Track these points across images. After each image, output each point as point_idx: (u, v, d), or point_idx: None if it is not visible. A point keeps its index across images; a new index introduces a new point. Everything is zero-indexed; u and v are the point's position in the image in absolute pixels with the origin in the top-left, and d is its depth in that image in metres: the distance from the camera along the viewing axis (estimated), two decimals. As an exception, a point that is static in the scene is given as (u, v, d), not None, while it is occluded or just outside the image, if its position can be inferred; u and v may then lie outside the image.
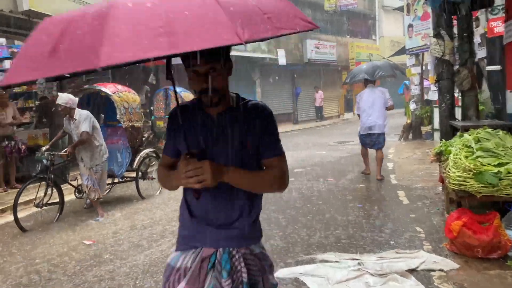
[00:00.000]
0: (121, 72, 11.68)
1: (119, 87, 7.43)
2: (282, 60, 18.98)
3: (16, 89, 11.57)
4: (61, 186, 6.31)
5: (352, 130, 13.52)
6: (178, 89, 10.92)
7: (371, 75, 7.72)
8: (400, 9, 15.61)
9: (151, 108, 10.97)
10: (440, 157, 5.15)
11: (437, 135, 11.68)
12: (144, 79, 12.61)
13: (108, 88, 7.16)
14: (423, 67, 12.45)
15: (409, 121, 12.81)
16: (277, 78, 19.64)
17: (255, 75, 18.54)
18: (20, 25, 7.78)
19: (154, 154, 8.09)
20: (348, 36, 24.45)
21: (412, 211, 5.49)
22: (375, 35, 26.61)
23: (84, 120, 5.75)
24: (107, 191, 7.49)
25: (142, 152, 7.63)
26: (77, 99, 6.03)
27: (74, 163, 7.03)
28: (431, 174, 7.21)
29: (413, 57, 12.36)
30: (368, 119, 7.28)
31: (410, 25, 12.18)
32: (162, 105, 10.65)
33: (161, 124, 10.63)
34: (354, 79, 8.50)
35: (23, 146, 7.49)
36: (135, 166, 7.41)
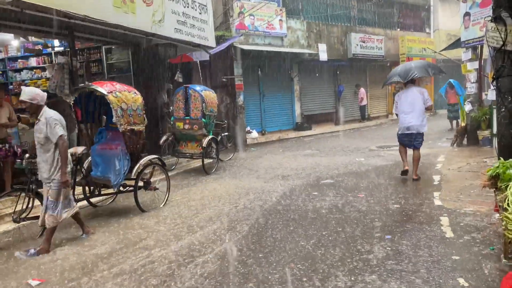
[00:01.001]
0: (144, 68, 11.03)
1: (118, 85, 6.62)
2: (323, 56, 17.63)
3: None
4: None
5: (397, 132, 12.14)
6: (198, 88, 10.13)
7: (404, 77, 7.55)
8: (457, -4, 13.78)
9: (171, 108, 10.18)
10: (496, 182, 3.83)
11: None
12: (170, 77, 11.89)
13: (104, 87, 6.38)
14: (482, 62, 10.73)
15: (463, 124, 11.13)
16: (317, 75, 18.31)
17: (293, 72, 17.36)
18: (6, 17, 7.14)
19: (159, 162, 7.27)
20: (398, 29, 22.53)
21: (456, 250, 4.19)
22: (430, 28, 24.38)
23: (54, 123, 4.89)
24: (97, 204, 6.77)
25: (143, 159, 6.82)
26: (45, 95, 5.04)
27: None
28: (487, 195, 5.78)
29: (469, 51, 10.66)
30: (406, 119, 7.36)
31: (467, 14, 10.49)
32: (181, 105, 9.84)
33: (181, 126, 9.83)
34: (388, 81, 8.35)
35: (19, 149, 6.92)
36: (133, 175, 6.61)
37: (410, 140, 7.49)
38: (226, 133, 11.94)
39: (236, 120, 14.60)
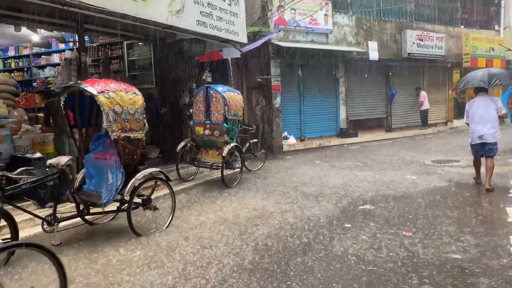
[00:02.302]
0: (167, 65, 9.97)
1: (113, 84, 5.48)
2: (374, 54, 15.79)
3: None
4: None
5: (461, 142, 10.12)
6: (220, 88, 8.86)
7: (487, 83, 7.24)
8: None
9: (191, 110, 9.01)
10: None
11: None
12: (196, 75, 10.76)
13: (95, 86, 5.28)
14: None
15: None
16: (366, 76, 16.47)
17: (338, 72, 15.68)
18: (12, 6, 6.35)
19: (161, 175, 6.07)
20: (462, 26, 20.06)
21: None
22: (499, 24, 21.58)
23: None
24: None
25: (140, 173, 5.65)
26: None
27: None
28: None
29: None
30: (477, 128, 7.16)
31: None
32: (202, 108, 8.64)
33: (201, 131, 8.64)
34: (467, 85, 7.76)
35: None
36: (126, 192, 5.46)
37: (483, 149, 7.21)
38: (255, 140, 10.60)
39: (272, 125, 13.24)
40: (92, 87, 5.25)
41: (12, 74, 11.62)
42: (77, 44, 8.48)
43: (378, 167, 9.91)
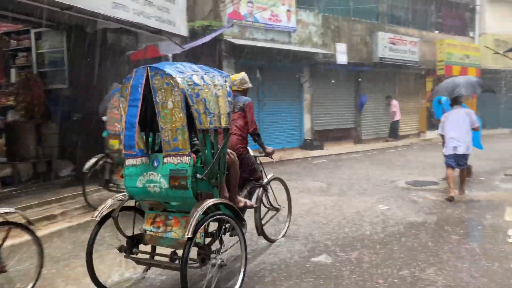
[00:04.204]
0: (84, 61, 7.95)
1: None
2: (342, 58, 14.24)
3: None
4: None
5: (436, 157, 8.47)
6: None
7: (450, 93, 7.62)
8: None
9: (104, 117, 6.98)
10: None
11: None
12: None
13: None
14: None
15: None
16: (334, 81, 14.84)
17: (303, 77, 13.98)
18: None
19: (16, 218, 4.05)
20: (436, 31, 18.86)
21: None
22: (474, 31, 20.56)
23: None
24: None
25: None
26: None
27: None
28: None
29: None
30: (453, 141, 7.26)
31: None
32: (117, 116, 6.64)
33: (115, 145, 6.66)
34: (434, 95, 8.39)
35: None
36: None
37: (456, 161, 7.30)
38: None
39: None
40: None
41: None
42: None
43: (343, 189, 8.19)
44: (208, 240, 3.58)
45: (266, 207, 5.00)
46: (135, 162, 3.58)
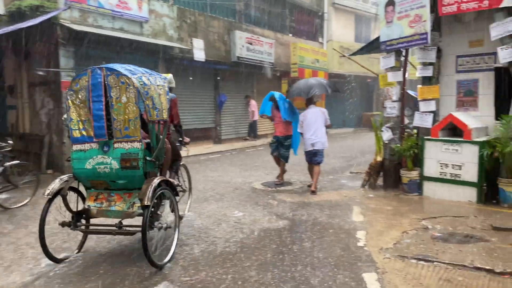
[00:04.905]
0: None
1: None
2: (200, 54, 13.67)
3: None
4: None
5: (292, 156, 8.35)
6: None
7: (306, 93, 7.87)
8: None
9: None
10: None
11: (430, 186, 6.97)
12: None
13: None
14: (407, 72, 7.78)
15: (379, 159, 8.00)
16: (192, 79, 14.21)
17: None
18: None
19: None
20: (290, 35, 19.68)
21: None
22: (323, 37, 22.12)
23: None
24: None
25: None
26: None
27: None
28: None
29: (391, 56, 7.60)
30: (311, 138, 7.64)
31: (391, 3, 7.41)
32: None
33: None
34: (291, 95, 8.60)
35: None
36: None
37: (314, 157, 7.72)
38: (17, 161, 7.04)
39: (63, 135, 9.74)
40: None
41: None
42: None
43: (199, 195, 7.55)
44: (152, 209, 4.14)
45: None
46: (83, 147, 4.17)
